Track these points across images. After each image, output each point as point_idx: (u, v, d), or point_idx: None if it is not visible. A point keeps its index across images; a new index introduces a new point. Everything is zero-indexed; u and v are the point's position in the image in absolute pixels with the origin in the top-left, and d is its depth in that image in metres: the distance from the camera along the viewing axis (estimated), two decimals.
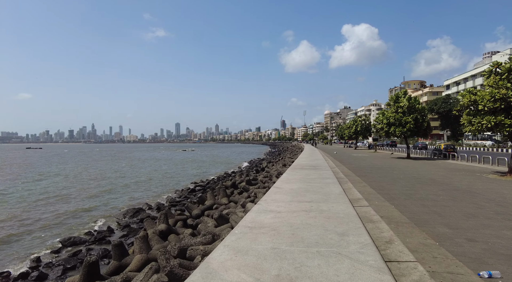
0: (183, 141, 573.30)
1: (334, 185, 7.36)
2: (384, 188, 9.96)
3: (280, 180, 8.64)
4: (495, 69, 12.75)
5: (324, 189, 6.46)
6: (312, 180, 8.65)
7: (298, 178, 9.20)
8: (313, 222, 3.70)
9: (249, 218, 3.93)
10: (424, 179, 12.63)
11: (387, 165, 19.86)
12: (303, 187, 7.08)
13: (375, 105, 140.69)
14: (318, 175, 9.85)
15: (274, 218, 3.90)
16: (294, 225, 3.56)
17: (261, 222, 3.68)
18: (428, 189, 9.94)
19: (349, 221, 3.70)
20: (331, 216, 4.01)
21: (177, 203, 21.41)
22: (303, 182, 8.05)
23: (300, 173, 10.76)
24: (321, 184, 7.70)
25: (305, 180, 8.51)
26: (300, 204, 4.82)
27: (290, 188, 6.94)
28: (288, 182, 8.27)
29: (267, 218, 3.84)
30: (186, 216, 15.26)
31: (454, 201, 7.90)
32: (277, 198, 5.47)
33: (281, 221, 3.72)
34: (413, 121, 25.25)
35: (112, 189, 26.34)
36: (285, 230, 3.36)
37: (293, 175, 10.19)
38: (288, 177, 9.32)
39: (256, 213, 4.18)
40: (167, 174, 37.57)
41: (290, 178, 9.05)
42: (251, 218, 3.92)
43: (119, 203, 20.22)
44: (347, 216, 4.02)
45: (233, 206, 15.56)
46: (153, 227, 12.90)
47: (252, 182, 21.99)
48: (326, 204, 4.88)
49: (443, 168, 18.00)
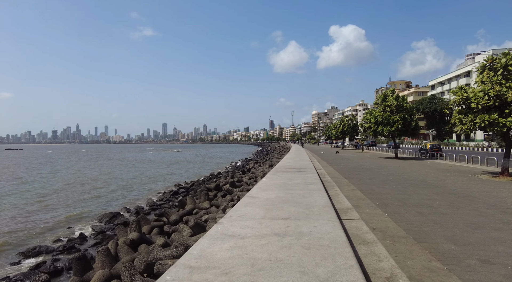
0: (170, 141, 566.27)
1: (319, 192, 6.32)
2: (374, 192, 9.09)
3: (257, 187, 7.52)
4: (489, 64, 12.09)
5: (307, 198, 5.44)
6: (294, 185, 7.62)
7: (278, 183, 8.16)
8: (285, 257, 2.55)
9: (196, 250, 2.84)
10: (416, 180, 11.86)
11: (376, 166, 19.15)
12: (282, 196, 5.99)
13: (362, 105, 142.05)
14: (302, 179, 8.78)
15: (232, 249, 2.72)
16: (258, 264, 2.35)
17: (212, 257, 2.50)
18: (421, 192, 9.13)
19: (337, 254, 2.62)
20: (312, 243, 2.85)
21: (157, 207, 20.37)
22: (283, 189, 6.99)
23: (282, 176, 9.65)
24: (304, 191, 6.63)
25: (286, 186, 7.48)
26: (273, 223, 3.73)
27: (266, 198, 5.82)
28: (265, 188, 7.21)
29: (222, 250, 2.78)
30: (163, 222, 14.14)
31: (452, 207, 7.07)
32: (247, 212, 4.32)
33: (240, 256, 2.56)
34: (401, 120, 24.71)
35: (92, 191, 25.07)
36: (242, 275, 2.22)
37: (273, 179, 9.08)
38: (267, 182, 8.29)
39: (210, 239, 2.98)
40: (150, 175, 36.14)
41: (269, 184, 8.01)
42: (200, 250, 2.85)
43: (98, 207, 19.08)
44: (334, 242, 2.91)
45: (214, 211, 14.51)
46: (125, 235, 11.74)
47: (236, 184, 21.01)
48: (307, 222, 3.77)
49: (432, 168, 17.40)
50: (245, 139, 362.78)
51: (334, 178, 12.07)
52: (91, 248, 12.13)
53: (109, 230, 14.66)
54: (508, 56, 11.57)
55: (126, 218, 16.76)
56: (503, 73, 11.49)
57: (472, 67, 73.32)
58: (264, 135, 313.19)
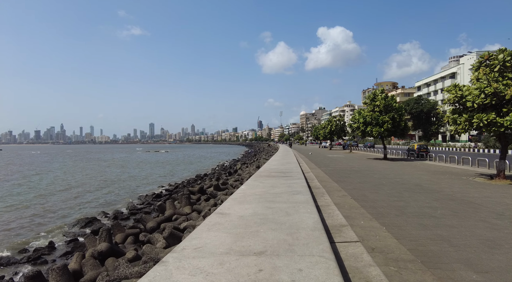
0: (157, 141, 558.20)
1: (307, 206, 5.18)
2: (367, 199, 8.21)
3: (232, 198, 6.26)
4: (485, 61, 11.44)
5: (292, 215, 4.48)
6: (278, 195, 6.38)
7: (259, 192, 6.92)
8: None
9: None
10: (410, 184, 11.09)
11: (365, 167, 18.42)
12: (260, 213, 4.76)
13: (349, 106, 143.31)
14: (287, 186, 7.59)
15: None
16: None
17: None
18: (419, 198, 8.30)
19: None
20: None
21: (137, 211, 19.23)
22: (263, 201, 5.75)
23: (264, 183, 8.42)
24: (289, 203, 5.46)
25: (268, 197, 6.22)
26: (240, 263, 2.57)
27: (239, 215, 4.57)
28: (242, 200, 5.93)
29: None
30: (139, 229, 12.97)
31: (458, 218, 6.23)
32: (208, 241, 3.19)
33: None
34: (390, 120, 24.14)
35: (72, 193, 23.69)
36: None
37: (254, 186, 7.83)
38: (245, 192, 7.08)
39: None
40: (135, 176, 34.65)
41: (248, 193, 6.78)
42: None
43: (75, 211, 17.85)
44: None
45: (195, 217, 13.42)
46: (95, 244, 10.56)
47: (221, 187, 19.99)
48: (290, 261, 2.61)
49: (424, 170, 16.76)
50: (234, 140, 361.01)
51: (323, 182, 11.17)
52: (60, 258, 11.03)
53: (82, 236, 13.59)
54: (506, 52, 10.93)
55: (102, 224, 15.71)
56: (500, 70, 10.85)
57: (457, 69, 74.34)
58: (252, 135, 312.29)
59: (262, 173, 10.69)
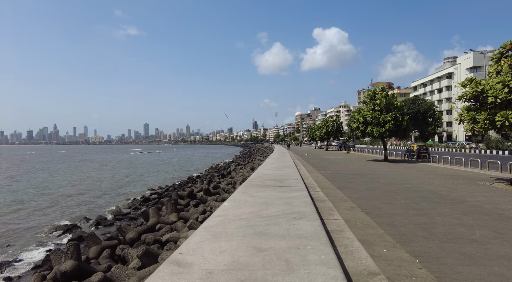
0: (152, 142, 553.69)
1: (318, 246, 3.40)
2: (381, 212, 6.74)
3: (206, 226, 4.32)
4: (507, 51, 10.07)
5: (296, 272, 2.72)
6: (273, 221, 4.49)
7: (247, 213, 4.99)
8: None
9: None
10: (424, 191, 9.65)
11: (367, 170, 16.99)
12: (244, 263, 2.99)
13: (344, 106, 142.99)
14: (286, 204, 5.72)
15: None
16: None
17: None
18: (443, 211, 6.84)
19: None
20: None
21: (123, 216, 17.72)
22: (250, 234, 3.93)
23: (255, 197, 6.58)
24: (290, 240, 3.62)
25: (258, 224, 4.35)
26: None
27: (207, 270, 2.83)
28: (220, 231, 4.05)
29: None
30: (118, 241, 11.37)
31: (508, 243, 4.76)
32: None
33: None
34: (392, 120, 22.76)
35: (54, 195, 22.42)
36: None
37: (240, 203, 5.90)
38: (228, 213, 5.09)
39: None
40: (124, 178, 32.95)
41: (231, 216, 4.79)
42: None
43: (55, 216, 16.53)
44: None
45: (181, 226, 11.85)
46: (62, 261, 8.96)
47: (211, 192, 18.49)
48: None
49: (431, 173, 15.38)
50: (229, 140, 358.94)
51: (325, 189, 9.68)
52: (24, 277, 9.55)
53: (59, 247, 12.08)
54: None
55: (82, 231, 14.31)
56: None
57: (454, 69, 73.70)
58: (247, 136, 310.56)
59: (254, 181, 9.07)
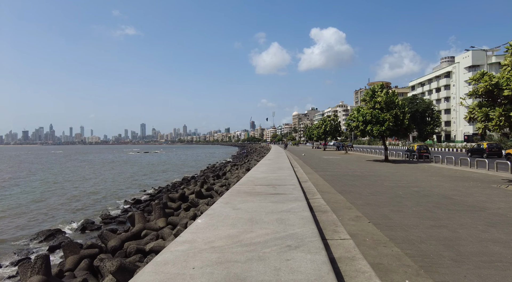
0: (148, 142, 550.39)
1: None
2: (393, 223, 5.72)
3: (155, 263, 2.93)
4: None
5: None
6: (256, 251, 3.13)
7: (222, 238, 3.59)
8: None
9: None
10: (435, 196, 8.65)
11: (369, 171, 15.99)
12: None
13: (341, 106, 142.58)
14: (278, 222, 4.27)
15: None
16: None
17: None
18: (465, 222, 5.83)
19: None
20: None
21: (111, 220, 16.76)
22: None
23: (240, 210, 5.10)
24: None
25: (234, 260, 2.92)
26: None
27: None
28: (173, 277, 2.55)
29: None
30: (98, 249, 10.29)
31: None
32: None
33: None
34: (392, 118, 21.82)
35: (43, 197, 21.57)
36: None
37: (219, 221, 4.43)
38: (197, 237, 3.68)
39: None
40: (115, 180, 31.82)
41: (199, 246, 3.35)
42: None
43: (40, 221, 15.56)
44: None
45: (167, 233, 10.80)
46: (33, 275, 7.88)
47: (204, 194, 17.46)
48: None
49: (436, 174, 14.41)
50: (226, 140, 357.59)
51: (325, 194, 8.65)
52: None
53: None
54: None
55: (66, 237, 13.34)
56: None
57: (452, 68, 73.00)
58: (245, 136, 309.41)
59: (243, 186, 7.88)
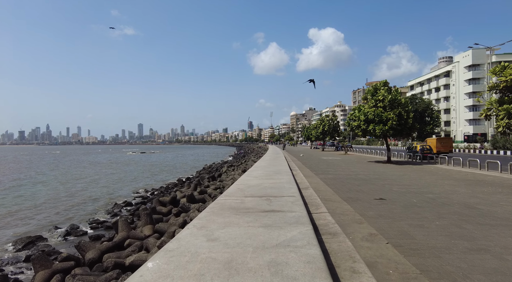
0: (146, 142, 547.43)
1: None
2: (418, 245, 4.54)
3: None
4: None
5: None
6: None
7: None
8: None
9: None
10: (455, 205, 7.49)
11: (373, 174, 14.83)
12: None
13: (339, 106, 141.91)
14: (269, 270, 2.71)
15: None
16: None
17: None
18: (506, 242, 4.64)
19: None
20: None
21: (99, 225, 15.69)
22: None
23: (215, 244, 3.40)
24: None
25: None
26: None
27: None
28: None
29: None
30: (75, 262, 9.08)
31: None
32: None
33: None
34: (396, 117, 20.71)
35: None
36: None
37: (174, 275, 2.64)
38: None
39: None
40: (108, 181, 30.61)
41: None
42: None
43: (19, 227, 14.47)
44: None
45: (152, 243, 9.54)
46: None
47: (196, 198, 16.23)
48: None
49: (447, 177, 13.27)
50: (224, 141, 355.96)
51: (329, 203, 7.47)
52: None
53: (15, 265, 10.17)
54: None
55: (47, 245, 11.88)
56: None
57: (452, 67, 72.13)
58: (243, 136, 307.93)
59: (229, 199, 6.30)
